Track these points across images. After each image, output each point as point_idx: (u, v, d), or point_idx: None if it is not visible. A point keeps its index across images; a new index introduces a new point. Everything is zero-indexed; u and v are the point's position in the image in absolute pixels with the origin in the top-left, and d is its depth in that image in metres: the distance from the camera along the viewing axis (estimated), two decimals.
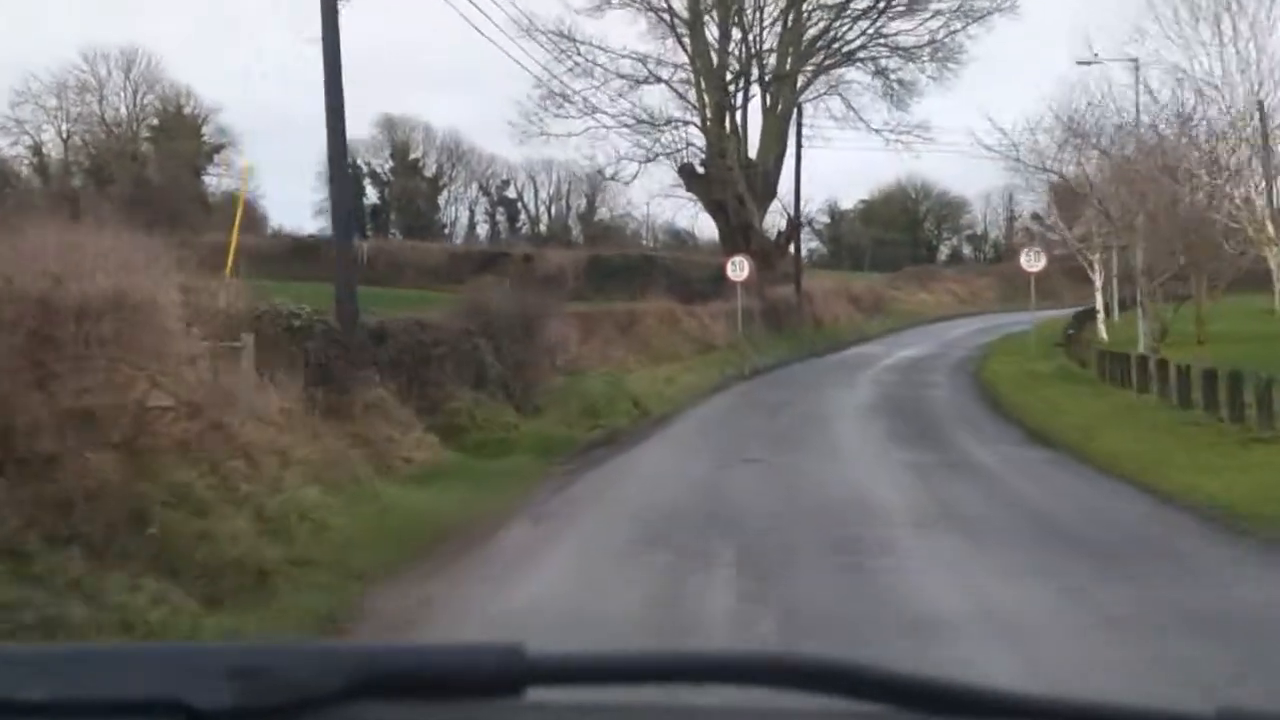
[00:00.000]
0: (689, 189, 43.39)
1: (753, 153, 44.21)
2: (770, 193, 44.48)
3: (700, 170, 43.75)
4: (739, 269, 38.94)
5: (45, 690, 1.19)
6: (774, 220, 45.39)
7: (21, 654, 1.47)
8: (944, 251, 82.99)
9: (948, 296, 66.23)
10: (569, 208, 71.21)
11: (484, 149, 66.43)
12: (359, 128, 56.18)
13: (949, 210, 78.66)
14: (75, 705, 1.19)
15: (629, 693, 1.24)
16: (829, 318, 48.93)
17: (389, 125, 64.13)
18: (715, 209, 43.83)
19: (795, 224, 44.79)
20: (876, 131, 44.42)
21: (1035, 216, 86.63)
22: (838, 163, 76.36)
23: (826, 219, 78.12)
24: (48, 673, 1.23)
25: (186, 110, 58.38)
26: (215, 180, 59.18)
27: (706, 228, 43.88)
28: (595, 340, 30.57)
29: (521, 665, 1.22)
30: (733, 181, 42.79)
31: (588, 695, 1.24)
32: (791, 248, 45.40)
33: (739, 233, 42.98)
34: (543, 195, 70.84)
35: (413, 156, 66.01)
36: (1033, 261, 40.42)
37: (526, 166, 66.73)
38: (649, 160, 42.22)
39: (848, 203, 78.51)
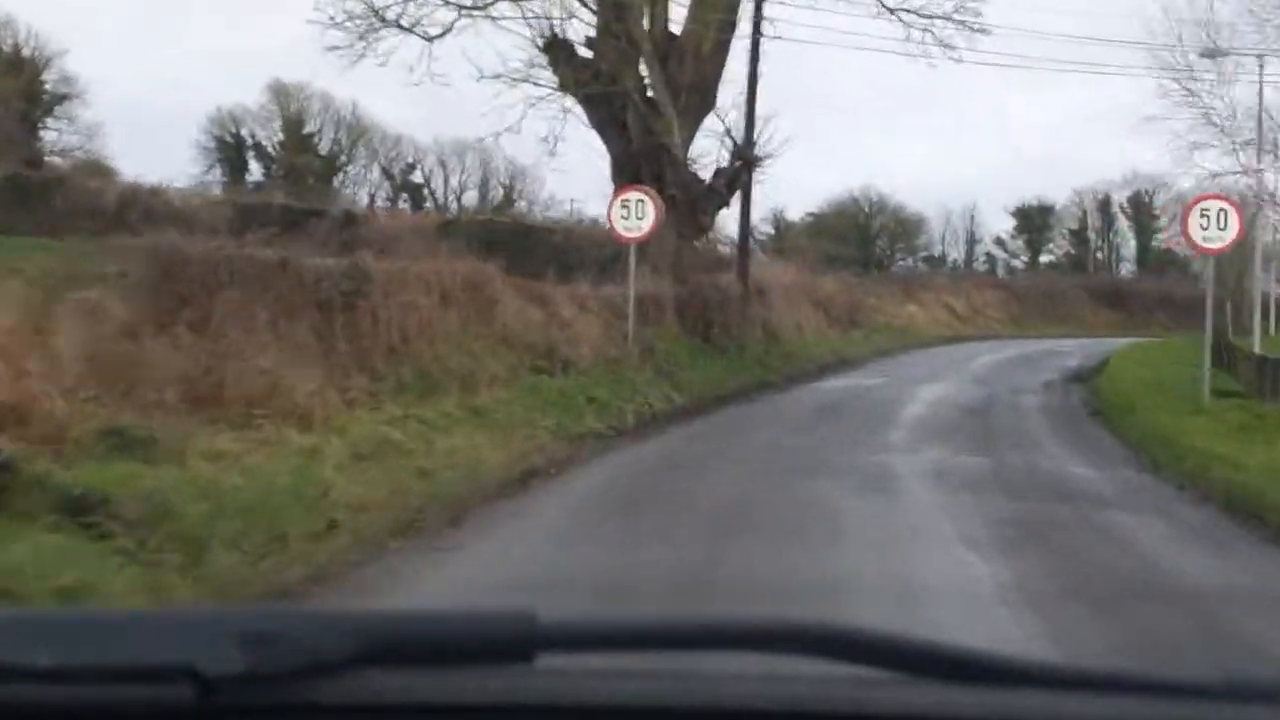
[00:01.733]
0: (559, 77, 24.19)
1: (676, 27, 25.15)
2: (704, 102, 25.46)
3: (583, 51, 24.58)
4: (634, 215, 20.05)
5: (55, 656, 1.17)
6: (706, 150, 26.27)
7: (31, 619, 1.47)
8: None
9: (942, 311, 47.97)
10: (483, 198, 60.31)
11: (390, 127, 57.47)
12: (248, 93, 50.61)
13: (904, 227, 67.45)
14: (85, 671, 1.18)
15: (639, 658, 1.22)
16: (789, 327, 30.22)
17: (280, 93, 54.67)
18: (605, 120, 24.72)
19: (745, 159, 25.68)
20: (890, 11, 25.57)
21: (999, 240, 71.00)
22: (788, 171, 60.59)
23: (771, 230, 61.78)
24: (57, 638, 1.21)
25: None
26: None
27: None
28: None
29: (532, 631, 1.21)
30: (634, 72, 23.82)
31: (598, 661, 1.22)
32: (737, 202, 26.17)
33: (645, 162, 23.96)
34: (454, 184, 60.35)
35: (308, 130, 56.62)
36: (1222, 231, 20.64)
37: (437, 149, 58.20)
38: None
39: (795, 214, 64.43)
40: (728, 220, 28.04)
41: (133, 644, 1.21)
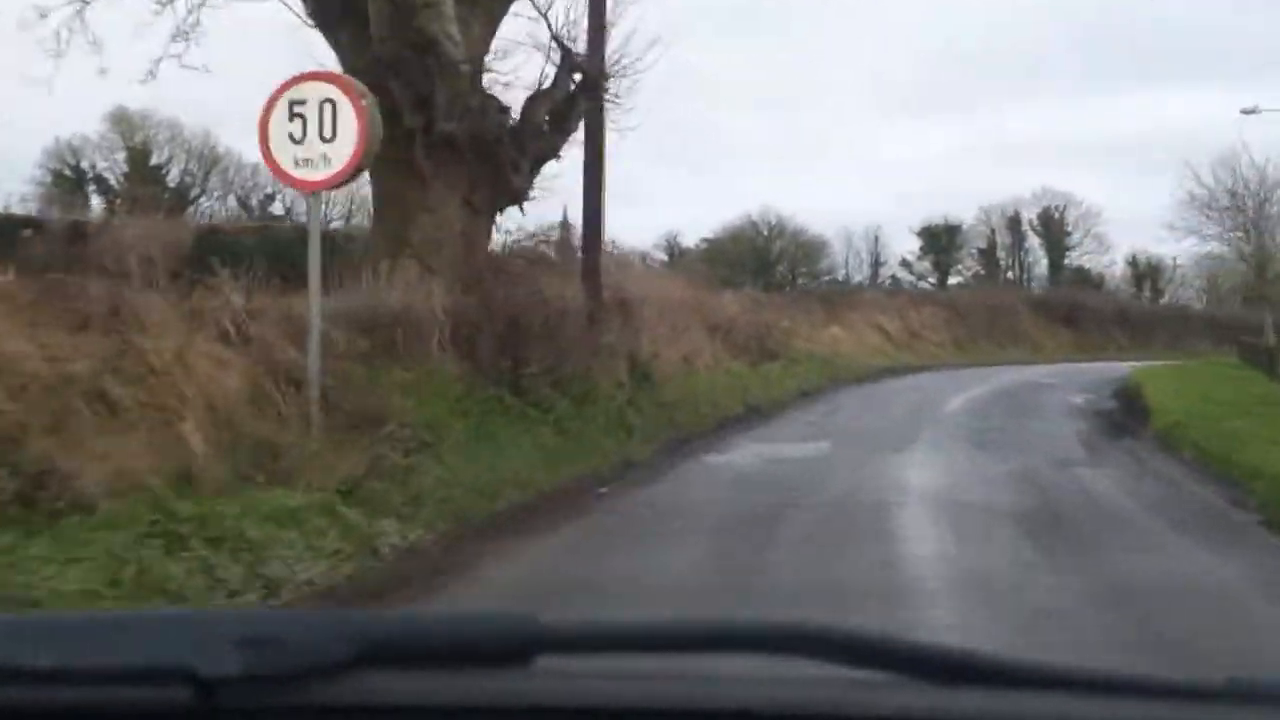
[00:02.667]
0: None
1: None
2: None
3: None
4: (315, 134, 9.16)
5: (53, 658, 1.17)
6: (516, 63, 15.60)
7: (29, 622, 1.52)
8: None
9: (873, 334, 37.89)
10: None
11: (248, 156, 49.19)
12: (88, 122, 46.77)
13: (806, 250, 62.32)
14: (83, 673, 1.18)
15: (639, 661, 1.23)
16: (671, 362, 19.78)
17: (123, 122, 49.22)
18: (331, 8, 13.92)
19: (589, 76, 14.99)
20: None
21: (905, 262, 63.13)
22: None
23: (664, 256, 53.47)
24: (55, 640, 1.22)
25: None
26: None
27: None
28: None
29: (532, 634, 1.22)
30: None
31: (598, 664, 1.24)
32: (582, 134, 15.39)
33: (397, 76, 13.06)
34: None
35: (155, 161, 51.35)
36: None
37: None
38: None
39: (690, 240, 57.29)
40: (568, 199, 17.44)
41: (131, 645, 1.20)
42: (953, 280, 64.14)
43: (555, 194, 15.58)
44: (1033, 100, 78.44)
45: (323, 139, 9.42)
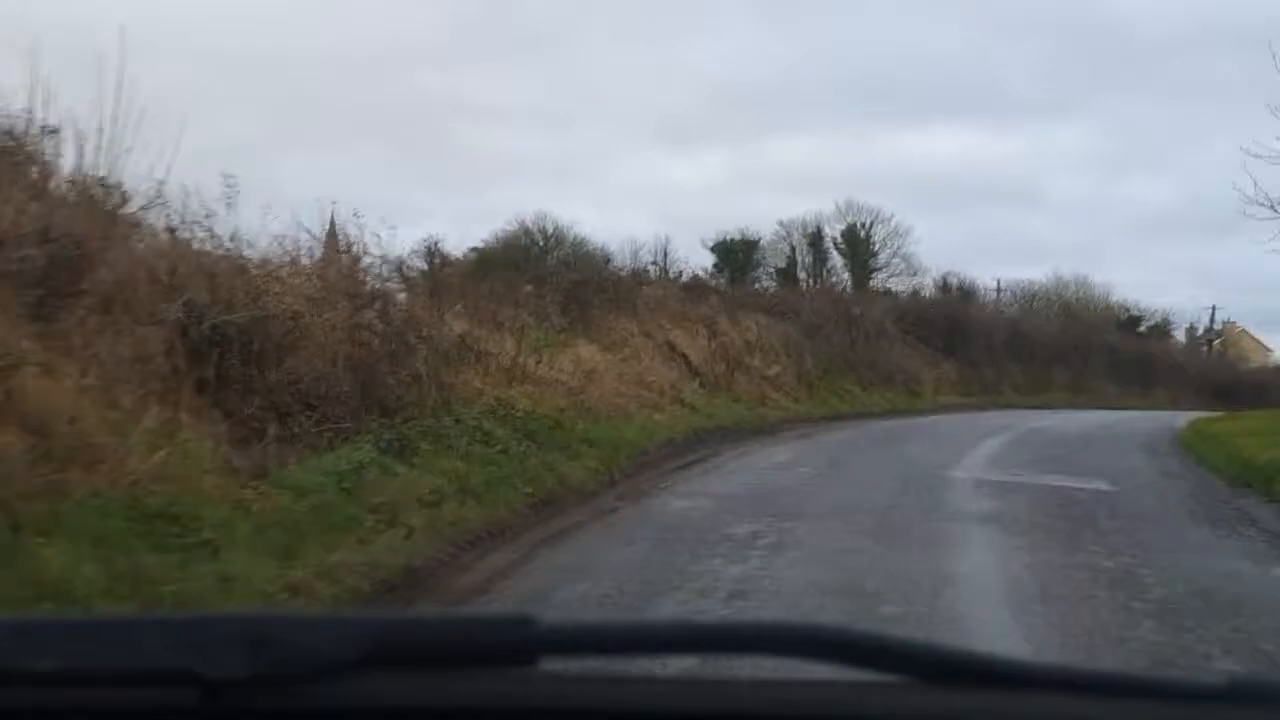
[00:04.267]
0: None
1: None
2: None
3: None
4: None
5: (57, 660, 1.17)
6: None
7: (33, 624, 1.41)
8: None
9: (661, 362, 21.32)
10: None
11: None
12: None
13: (588, 260, 41.57)
14: (87, 675, 1.19)
15: (642, 663, 1.22)
16: None
17: None
18: None
19: None
20: None
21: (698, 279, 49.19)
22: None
23: (423, 265, 34.84)
24: (59, 643, 1.22)
25: None
26: None
27: None
28: None
29: (535, 635, 1.22)
30: None
31: (601, 665, 1.23)
32: None
33: None
34: None
35: None
36: None
37: None
38: None
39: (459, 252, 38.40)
40: None
41: (136, 648, 1.20)
42: None
43: None
44: (820, 135, 75.15)
45: None
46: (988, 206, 73.96)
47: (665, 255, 46.78)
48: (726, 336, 25.03)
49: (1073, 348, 43.68)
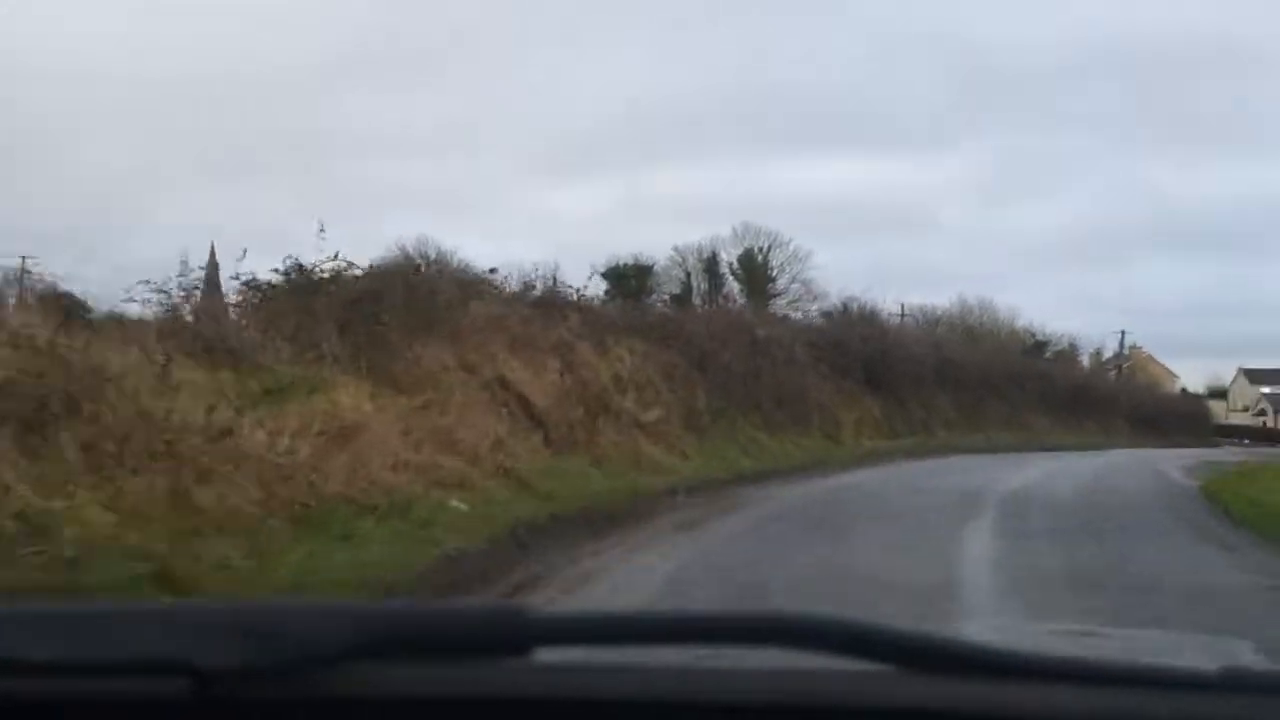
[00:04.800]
0: None
1: None
2: None
3: None
4: None
5: (51, 650, 1.18)
6: None
7: (27, 614, 1.40)
8: None
9: (482, 407, 14.22)
10: None
11: None
12: None
13: (473, 286, 35.20)
14: (81, 665, 1.19)
15: (636, 653, 1.24)
16: None
17: None
18: None
19: None
20: None
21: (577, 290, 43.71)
22: None
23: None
24: (53, 633, 1.22)
25: None
26: None
27: None
28: None
29: (528, 625, 1.22)
30: None
31: (595, 655, 1.24)
32: None
33: None
34: None
35: None
36: None
37: None
38: None
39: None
40: None
41: (129, 638, 1.20)
42: None
43: None
44: (715, 163, 76.37)
45: None
46: (882, 234, 73.50)
47: (555, 281, 40.98)
48: (588, 369, 18.27)
49: (1006, 377, 37.80)
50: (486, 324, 17.11)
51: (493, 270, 19.11)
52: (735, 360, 22.53)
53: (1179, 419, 68.46)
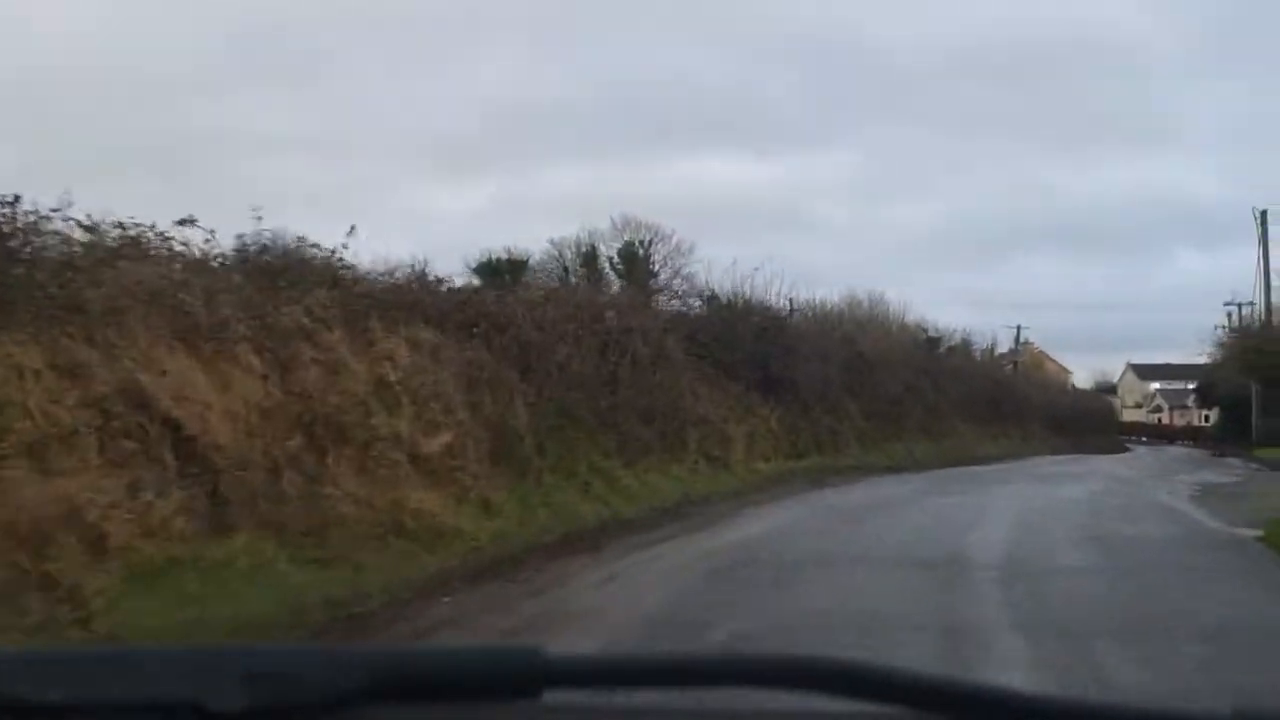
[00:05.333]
0: None
1: None
2: None
3: None
4: None
5: (60, 692, 1.18)
6: None
7: (38, 655, 1.46)
8: None
9: (82, 451, 6.83)
10: None
11: None
12: None
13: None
14: (90, 707, 1.18)
15: (649, 695, 1.22)
16: None
17: None
18: None
19: None
20: None
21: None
22: None
23: None
24: (63, 674, 1.22)
25: None
26: None
27: None
28: None
29: (540, 667, 1.20)
30: None
31: (608, 698, 1.23)
32: None
33: None
34: None
35: None
36: None
37: None
38: None
39: None
40: None
41: (138, 680, 1.20)
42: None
43: None
44: (593, 161, 72.21)
45: None
46: (764, 232, 72.03)
47: (423, 274, 35.08)
48: (329, 373, 11.35)
49: (923, 377, 31.70)
50: (144, 301, 10.10)
51: (184, 222, 11.90)
52: (578, 359, 15.76)
53: (1089, 419, 63.76)
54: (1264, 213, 49.49)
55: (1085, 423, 60.74)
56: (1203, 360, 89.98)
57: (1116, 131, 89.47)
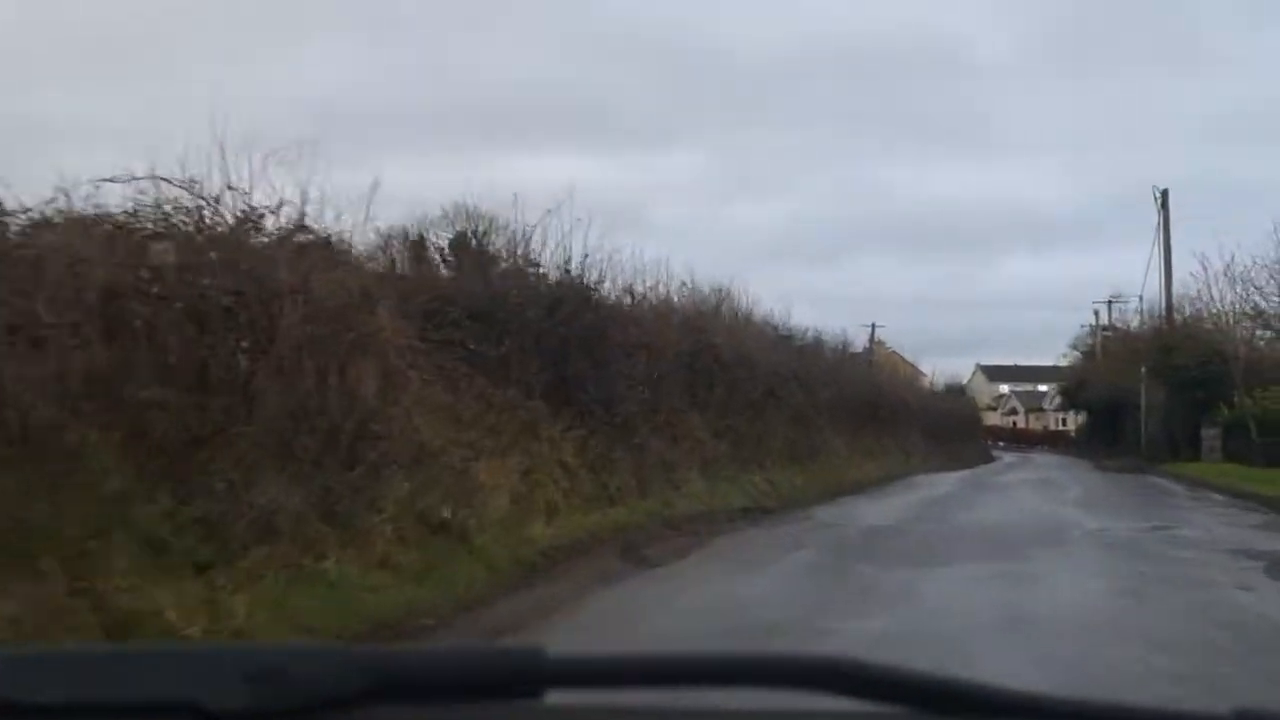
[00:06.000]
0: None
1: None
2: None
3: None
4: None
5: (59, 693, 1.17)
6: None
7: (37, 656, 1.41)
8: None
9: None
10: None
11: None
12: None
13: None
14: (91, 707, 1.17)
15: (650, 695, 1.20)
16: None
17: None
18: None
19: None
20: None
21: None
22: None
23: None
24: (62, 675, 1.21)
25: None
26: None
27: None
28: None
29: (541, 668, 1.19)
30: None
31: (609, 698, 1.20)
32: None
33: None
34: None
35: None
36: None
37: None
38: None
39: None
40: None
41: (138, 680, 1.19)
42: None
43: None
44: (432, 160, 63.46)
45: None
46: (608, 232, 66.45)
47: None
48: None
49: (789, 376, 23.69)
50: None
51: None
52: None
53: (960, 426, 57.20)
54: (1165, 192, 43.13)
55: (956, 430, 53.99)
56: (1062, 362, 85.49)
57: (954, 134, 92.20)
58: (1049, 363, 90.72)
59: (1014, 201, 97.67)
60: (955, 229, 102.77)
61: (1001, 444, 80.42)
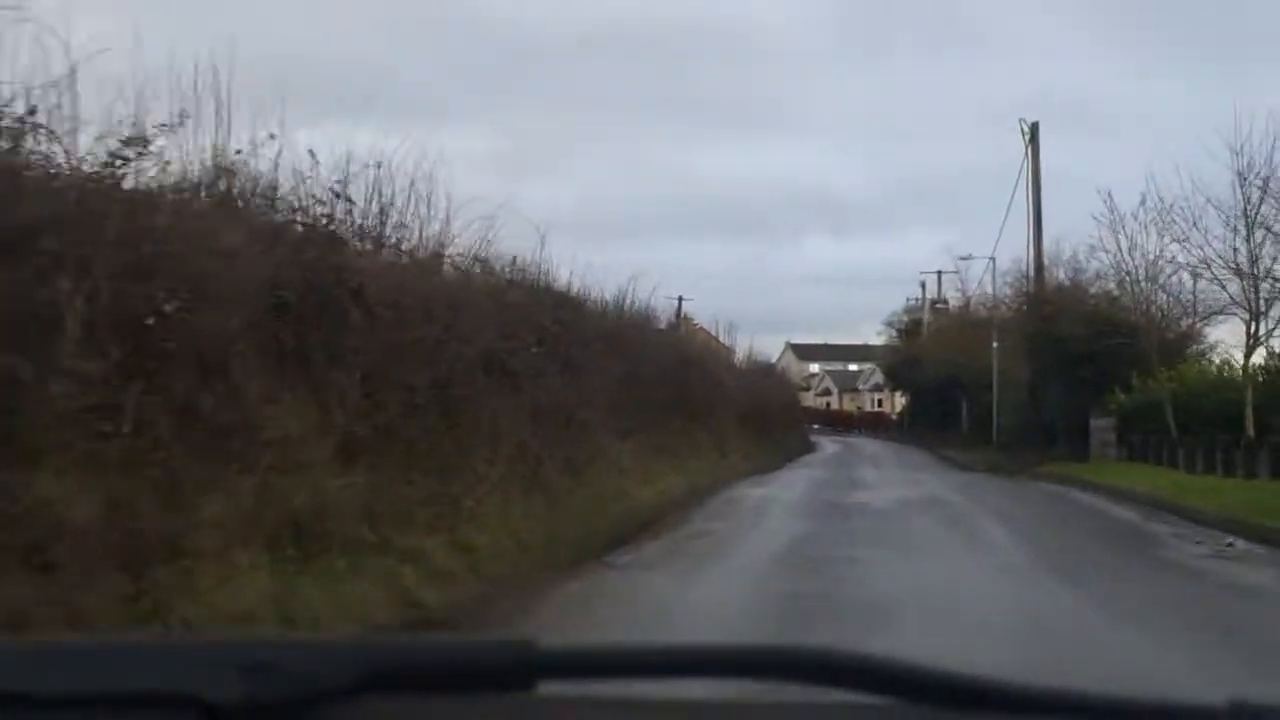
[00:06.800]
0: None
1: None
2: None
3: None
4: None
5: (58, 684, 1.17)
6: None
7: (35, 648, 1.43)
8: None
9: None
10: None
11: None
12: None
13: None
14: (89, 699, 1.17)
15: (641, 686, 1.21)
16: None
17: None
18: None
19: None
20: None
21: None
22: None
23: None
24: (61, 667, 1.22)
25: None
26: None
27: None
28: None
29: (533, 659, 1.20)
30: None
31: (600, 689, 1.22)
32: None
33: None
34: None
35: None
36: None
37: None
38: None
39: None
40: None
41: (137, 672, 1.19)
42: None
43: None
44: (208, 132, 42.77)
45: None
46: (393, 210, 58.84)
47: None
48: None
49: (539, 346, 14.51)
50: None
51: None
52: None
53: (779, 410, 49.18)
54: (1034, 125, 35.40)
55: (776, 416, 45.89)
56: (876, 340, 78.99)
57: (752, 116, 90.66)
58: (859, 341, 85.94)
59: (809, 184, 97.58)
60: (758, 210, 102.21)
61: (816, 426, 73.27)
